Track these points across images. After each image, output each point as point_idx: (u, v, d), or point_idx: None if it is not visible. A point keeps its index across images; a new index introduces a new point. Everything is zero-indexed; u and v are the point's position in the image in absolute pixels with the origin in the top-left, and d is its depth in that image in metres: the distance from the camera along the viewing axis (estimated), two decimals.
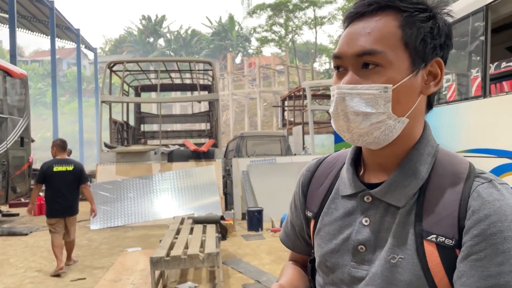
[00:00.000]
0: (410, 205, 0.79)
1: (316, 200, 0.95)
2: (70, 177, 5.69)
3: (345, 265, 0.84)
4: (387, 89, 0.76)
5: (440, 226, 0.74)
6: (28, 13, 21.72)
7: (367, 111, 0.76)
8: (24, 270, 5.75)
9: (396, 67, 0.76)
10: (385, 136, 0.78)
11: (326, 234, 0.89)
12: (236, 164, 10.02)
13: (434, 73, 0.80)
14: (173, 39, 55.38)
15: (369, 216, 0.82)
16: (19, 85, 10.88)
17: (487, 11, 4.66)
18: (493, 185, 0.75)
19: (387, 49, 0.76)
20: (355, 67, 0.78)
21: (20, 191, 10.53)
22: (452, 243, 0.73)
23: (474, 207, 0.73)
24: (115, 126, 11.81)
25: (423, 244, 0.75)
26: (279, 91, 32.00)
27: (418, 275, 0.74)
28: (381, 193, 0.81)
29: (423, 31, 0.77)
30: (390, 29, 0.77)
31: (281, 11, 30.88)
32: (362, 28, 0.78)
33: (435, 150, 0.83)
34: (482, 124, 4.72)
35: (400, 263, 0.76)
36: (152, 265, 3.98)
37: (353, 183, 0.86)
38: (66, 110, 44.52)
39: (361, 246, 0.82)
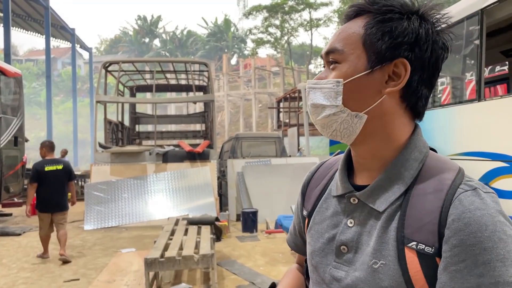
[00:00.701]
0: (393, 210, 0.78)
1: (312, 199, 0.98)
2: (60, 175, 6.24)
3: (327, 264, 0.86)
4: (339, 83, 0.80)
5: (420, 233, 0.74)
6: (23, 12, 21.60)
7: (323, 104, 0.82)
8: (16, 270, 5.70)
9: (352, 64, 0.80)
10: (345, 129, 0.82)
11: (316, 233, 0.91)
12: (231, 165, 10.01)
13: (398, 74, 0.79)
14: (169, 39, 55.29)
15: (354, 217, 0.84)
16: (13, 84, 10.81)
17: (482, 15, 4.69)
18: (476, 193, 0.73)
19: (346, 48, 0.81)
20: (327, 64, 0.85)
21: (13, 191, 10.45)
22: (432, 251, 0.72)
23: (454, 216, 0.71)
24: (110, 126, 11.77)
25: (404, 251, 0.74)
26: (275, 93, 32.03)
27: (399, 281, 0.74)
28: (364, 196, 0.82)
29: (382, 30, 0.78)
30: (354, 29, 0.81)
31: (277, 13, 30.93)
32: (340, 29, 0.85)
33: (424, 156, 0.81)
34: (476, 127, 4.75)
35: (381, 268, 0.76)
36: (147, 266, 3.97)
37: (343, 184, 0.88)
38: (61, 110, 44.30)
39: (343, 247, 0.83)
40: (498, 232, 0.68)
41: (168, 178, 9.68)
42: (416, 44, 0.78)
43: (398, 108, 0.81)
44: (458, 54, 5.97)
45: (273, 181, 9.36)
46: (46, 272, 5.58)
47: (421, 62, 0.79)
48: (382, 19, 0.79)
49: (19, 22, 23.02)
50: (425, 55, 0.79)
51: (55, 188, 6.17)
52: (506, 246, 0.68)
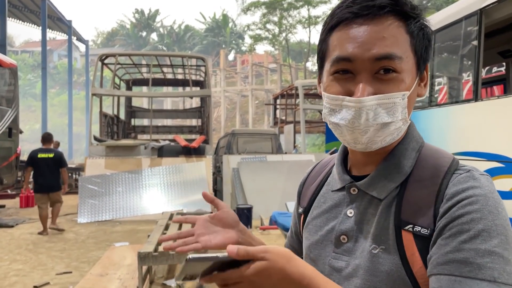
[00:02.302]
0: (392, 197, 0.80)
1: (307, 196, 0.98)
2: (51, 162, 7.44)
3: (327, 256, 0.86)
4: (405, 96, 0.76)
5: (417, 216, 0.75)
6: (19, 3, 21.43)
7: (388, 121, 0.75)
8: (9, 262, 5.67)
9: (409, 73, 0.77)
10: (392, 139, 0.80)
11: (313, 227, 0.91)
12: (226, 161, 10.00)
13: (423, 77, 0.83)
14: (166, 34, 55.08)
15: (354, 207, 0.84)
16: (8, 75, 10.71)
17: (481, 15, 4.69)
18: (471, 174, 0.75)
19: (403, 55, 0.75)
20: (368, 72, 0.75)
21: (6, 182, 10.37)
22: (427, 233, 0.73)
23: (448, 195, 0.73)
24: (105, 120, 11.71)
25: (402, 234, 0.76)
26: (271, 89, 32.02)
27: (397, 264, 0.75)
28: (365, 185, 0.83)
29: (427, 38, 0.80)
30: (400, 34, 0.76)
31: (276, 9, 30.89)
32: (374, 31, 0.74)
33: (420, 146, 0.84)
34: (472, 127, 4.76)
35: (381, 253, 0.77)
36: (140, 260, 3.95)
37: (342, 177, 0.88)
38: (56, 102, 44.06)
39: (343, 236, 0.83)
40: (489, 206, 0.69)
41: (163, 173, 9.65)
42: (431, 51, 0.84)
43: None
44: (455, 54, 5.97)
45: (269, 178, 9.36)
46: (39, 265, 5.55)
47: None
48: (417, 25, 0.78)
49: (15, 13, 22.84)
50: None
51: (47, 173, 7.38)
52: (495, 219, 0.68)
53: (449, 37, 5.84)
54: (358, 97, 0.74)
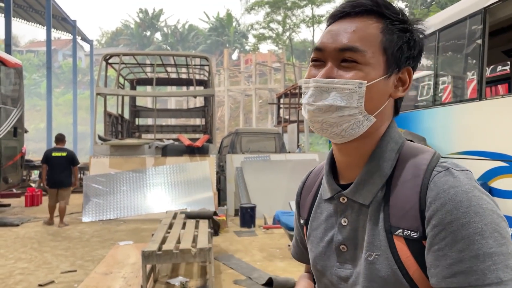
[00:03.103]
0: (378, 202, 0.81)
1: (306, 207, 1.00)
2: (63, 160, 8.19)
3: (332, 266, 0.88)
4: (362, 85, 0.79)
5: (405, 220, 0.77)
6: (24, 3, 21.51)
7: (341, 105, 0.80)
8: (14, 261, 5.71)
9: (372, 67, 0.80)
10: (352, 130, 0.81)
11: (314, 238, 0.94)
12: (230, 160, 10.01)
13: (403, 80, 0.86)
14: (170, 33, 55.14)
15: (347, 216, 0.86)
16: (14, 75, 10.78)
17: (485, 14, 4.67)
18: (449, 172, 0.76)
19: (367, 49, 0.80)
20: (334, 61, 0.82)
21: (12, 181, 10.45)
22: (417, 236, 0.75)
23: (431, 198, 0.74)
24: (110, 119, 11.75)
25: (393, 239, 0.77)
26: (275, 89, 31.99)
27: (393, 269, 0.76)
28: (351, 193, 0.84)
29: (402, 41, 0.83)
30: (373, 31, 0.82)
31: (279, 9, 30.82)
32: (347, 26, 0.82)
33: (400, 146, 0.85)
34: (476, 126, 4.74)
35: (376, 260, 0.79)
36: (144, 259, 3.97)
37: (330, 186, 0.90)
38: (61, 102, 44.24)
39: (342, 246, 0.86)
40: (474, 207, 0.71)
41: (167, 172, 9.68)
42: (418, 57, 0.87)
43: (391, 109, 0.88)
44: (459, 53, 5.95)
45: (272, 177, 9.36)
46: (43, 263, 5.59)
47: (414, 70, 0.88)
48: (399, 28, 0.83)
49: (20, 13, 22.93)
50: (418, 64, 0.88)
51: (59, 170, 8.11)
52: (483, 219, 0.70)
53: (453, 36, 5.82)
54: (315, 78, 0.82)
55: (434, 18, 6.07)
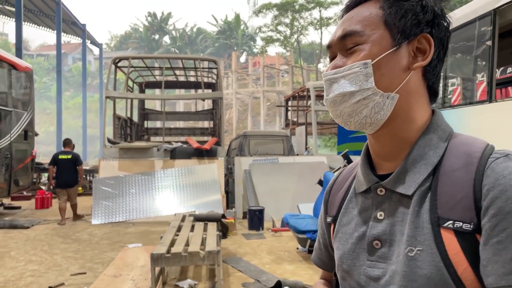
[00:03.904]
0: (423, 192, 0.74)
1: (335, 203, 0.93)
2: (69, 162, 8.98)
3: (361, 265, 0.81)
4: (367, 65, 0.76)
5: (455, 210, 0.69)
6: (35, 7, 21.78)
7: (351, 90, 0.77)
8: (24, 263, 5.76)
9: (377, 44, 0.77)
10: (376, 114, 0.77)
11: (343, 235, 0.87)
12: (238, 163, 10.02)
13: (423, 49, 0.79)
14: (178, 36, 55.44)
15: (384, 209, 0.79)
16: (24, 79, 10.91)
17: (495, 15, 4.64)
18: (509, 158, 0.69)
19: (366, 29, 0.78)
20: (341, 51, 0.81)
21: (22, 184, 10.56)
22: (470, 228, 0.67)
23: (488, 185, 0.67)
24: (119, 122, 11.83)
25: (440, 232, 0.70)
26: (283, 91, 31.98)
27: (439, 266, 0.68)
28: (391, 183, 0.78)
29: (404, 8, 0.78)
30: (371, 11, 0.79)
31: (287, 11, 30.88)
32: (347, 16, 0.82)
33: (449, 135, 0.79)
34: (486, 128, 4.70)
35: (418, 255, 0.71)
36: (153, 261, 3.98)
37: (366, 177, 0.83)
38: (70, 105, 44.65)
39: (376, 242, 0.78)
40: None
41: (176, 175, 9.71)
42: (434, 21, 0.79)
43: (421, 86, 0.80)
44: (469, 55, 5.91)
45: (280, 180, 9.36)
46: (53, 265, 5.63)
47: (439, 39, 0.80)
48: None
49: (30, 17, 23.22)
50: (441, 32, 0.81)
51: (66, 171, 8.90)
52: None
53: (462, 38, 5.78)
54: (323, 73, 0.82)
55: None
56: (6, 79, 9.94)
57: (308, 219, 5.93)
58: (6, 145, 9.53)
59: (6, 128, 9.61)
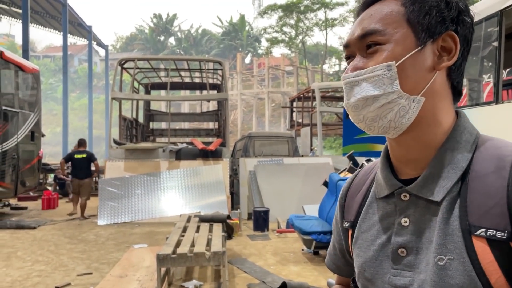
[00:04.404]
0: (452, 198, 0.71)
1: (353, 208, 0.90)
2: (84, 161, 9.74)
3: (385, 273, 0.77)
4: (391, 67, 0.72)
5: (488, 218, 0.66)
6: (41, 9, 21.93)
7: (375, 94, 0.73)
8: (31, 263, 5.80)
9: (400, 44, 0.73)
10: (401, 118, 0.73)
11: (364, 242, 0.83)
12: (243, 164, 10.03)
13: (448, 48, 0.76)
14: (184, 38, 55.60)
15: (409, 215, 0.76)
16: (31, 80, 10.99)
17: (502, 16, 4.62)
18: None
19: (388, 27, 0.74)
20: (361, 50, 0.77)
21: (29, 185, 10.63)
22: (505, 236, 0.64)
23: None
24: (125, 123, 11.88)
25: (472, 241, 0.67)
26: (288, 92, 31.98)
27: (471, 276, 0.66)
28: (417, 188, 0.75)
29: (427, 5, 0.74)
30: (392, 8, 0.75)
31: (292, 12, 30.88)
32: (366, 14, 0.78)
33: (475, 137, 0.76)
34: (493, 130, 4.68)
35: (449, 264, 0.68)
36: (158, 262, 4.00)
37: (389, 182, 0.80)
38: (76, 106, 44.88)
39: (401, 250, 0.75)
40: None
41: (181, 175, 9.74)
42: (459, 18, 0.76)
43: (446, 86, 0.77)
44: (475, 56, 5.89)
45: (285, 181, 9.35)
46: (60, 266, 5.67)
47: (464, 37, 0.77)
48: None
49: (37, 19, 23.39)
50: (466, 29, 0.77)
51: (81, 169, 9.71)
52: None
53: None
54: (343, 75, 0.78)
55: None
56: (13, 80, 10.02)
57: (314, 221, 5.92)
58: (13, 146, 9.60)
59: (13, 129, 9.68)
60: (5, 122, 9.29)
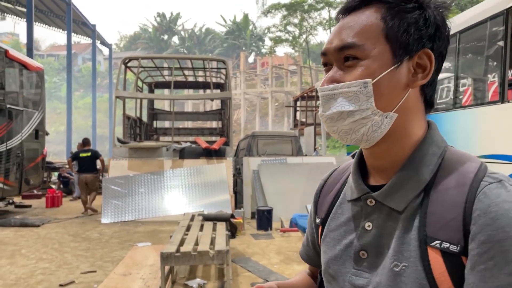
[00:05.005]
0: (413, 208, 0.74)
1: (325, 206, 0.93)
2: (88, 159, 10.05)
3: (347, 272, 0.81)
4: (367, 84, 0.72)
5: (444, 231, 0.69)
6: (46, 8, 22.00)
7: (350, 109, 0.74)
8: (35, 261, 5.82)
9: (377, 60, 0.73)
10: (373, 132, 0.75)
11: (331, 240, 0.86)
12: (246, 163, 10.03)
13: (423, 65, 0.76)
14: (187, 37, 55.69)
15: (372, 220, 0.79)
16: (35, 79, 11.03)
17: (507, 15, 4.59)
18: (502, 185, 0.68)
19: (366, 42, 0.73)
20: (338, 62, 0.76)
21: (33, 183, 10.67)
22: (457, 250, 0.67)
23: (480, 210, 0.66)
24: (128, 122, 11.90)
25: (427, 251, 0.70)
26: (291, 92, 31.96)
27: (422, 284, 0.69)
28: (382, 196, 0.77)
29: (406, 22, 0.74)
30: (371, 21, 0.74)
31: (296, 11, 30.85)
32: (345, 23, 0.76)
33: (443, 151, 0.77)
34: (498, 129, 4.66)
35: (403, 271, 0.71)
36: (162, 260, 4.00)
37: (358, 186, 0.82)
38: (80, 105, 45.03)
39: (362, 252, 0.79)
40: None
41: (185, 174, 9.75)
42: (436, 34, 0.76)
43: (418, 101, 0.78)
44: (481, 55, 5.86)
45: (289, 180, 9.35)
46: (64, 264, 5.68)
47: (439, 53, 0.78)
48: (402, 9, 0.74)
49: (41, 18, 23.45)
50: (442, 45, 0.78)
51: (86, 166, 10.03)
52: None
53: (474, 38, 5.74)
54: (320, 86, 0.77)
55: (455, 19, 5.98)
56: (18, 78, 10.06)
57: None
58: (17, 144, 9.64)
59: (18, 127, 9.72)
60: (9, 120, 9.32)
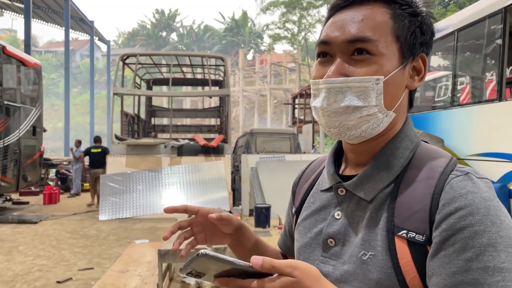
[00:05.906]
0: (381, 199, 0.75)
1: (300, 196, 0.95)
2: (99, 154, 10.71)
3: (315, 259, 0.82)
4: (379, 81, 0.73)
5: (411, 221, 0.70)
6: (43, 4, 21.91)
7: (359, 105, 0.73)
8: (32, 258, 5.82)
9: (387, 58, 0.74)
10: (372, 130, 0.75)
11: (303, 228, 0.88)
12: (245, 160, 10.03)
13: (418, 69, 0.79)
14: (186, 33, 55.56)
15: (342, 209, 0.80)
16: (33, 75, 10.99)
17: (506, 13, 4.59)
18: (469, 177, 0.70)
19: (380, 38, 0.73)
20: (343, 55, 0.75)
21: (31, 179, 10.65)
22: (423, 239, 0.69)
23: (445, 200, 0.68)
24: (126, 119, 11.89)
25: (394, 241, 0.71)
26: (290, 89, 31.96)
27: (388, 273, 0.70)
28: (352, 185, 0.78)
29: (414, 25, 0.76)
30: (382, 18, 0.75)
31: (295, 9, 30.79)
32: (353, 15, 0.75)
33: (415, 145, 0.79)
34: (496, 127, 4.67)
35: (370, 260, 0.72)
36: (160, 257, 4.01)
37: (330, 176, 0.84)
38: (78, 101, 44.93)
39: (330, 240, 0.80)
40: (491, 216, 0.65)
41: (183, 171, 9.74)
42: (429, 42, 0.80)
43: (406, 102, 0.82)
44: (479, 53, 5.87)
45: (287, 177, 9.29)
46: (61, 260, 5.68)
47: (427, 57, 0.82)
48: (406, 11, 0.76)
49: (39, 14, 23.37)
50: (429, 51, 0.81)
51: (97, 161, 10.63)
52: (499, 231, 0.64)
53: (472, 36, 5.74)
54: (326, 78, 0.75)
55: (453, 17, 5.99)
56: (15, 75, 10.02)
57: None
58: (14, 141, 9.62)
59: (15, 123, 9.69)
60: (7, 117, 9.29)
